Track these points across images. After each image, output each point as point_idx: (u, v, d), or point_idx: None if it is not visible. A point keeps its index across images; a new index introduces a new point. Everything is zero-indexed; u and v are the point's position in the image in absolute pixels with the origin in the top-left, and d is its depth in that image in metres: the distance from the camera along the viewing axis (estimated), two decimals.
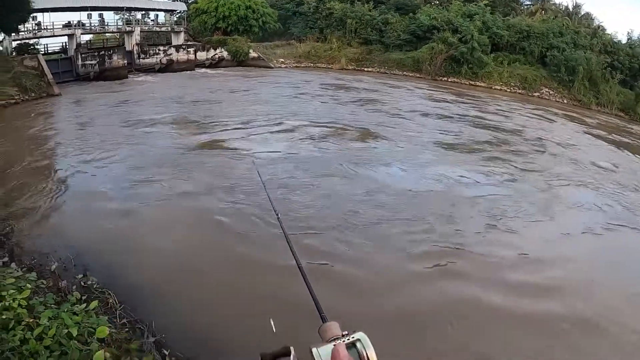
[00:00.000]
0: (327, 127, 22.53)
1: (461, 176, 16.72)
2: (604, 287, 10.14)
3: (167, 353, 6.32)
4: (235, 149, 18.32)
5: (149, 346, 6.39)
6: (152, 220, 11.90)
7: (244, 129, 21.62)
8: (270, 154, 17.95)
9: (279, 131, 21.56)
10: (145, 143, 19.15)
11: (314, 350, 1.11)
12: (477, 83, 43.32)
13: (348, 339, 1.13)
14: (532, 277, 10.16)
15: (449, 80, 43.96)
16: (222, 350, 7.02)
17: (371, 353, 1.10)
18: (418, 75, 45.19)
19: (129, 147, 18.50)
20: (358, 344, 1.12)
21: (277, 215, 2.55)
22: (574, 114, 35.07)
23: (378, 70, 48.42)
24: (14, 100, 27.88)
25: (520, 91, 42.10)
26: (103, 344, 5.17)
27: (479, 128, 25.41)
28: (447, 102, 33.15)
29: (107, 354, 4.78)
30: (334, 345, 1.10)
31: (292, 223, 11.41)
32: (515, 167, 18.55)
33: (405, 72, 46.56)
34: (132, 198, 13.37)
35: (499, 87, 42.73)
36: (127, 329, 6.72)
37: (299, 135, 20.87)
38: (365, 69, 48.91)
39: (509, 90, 42.34)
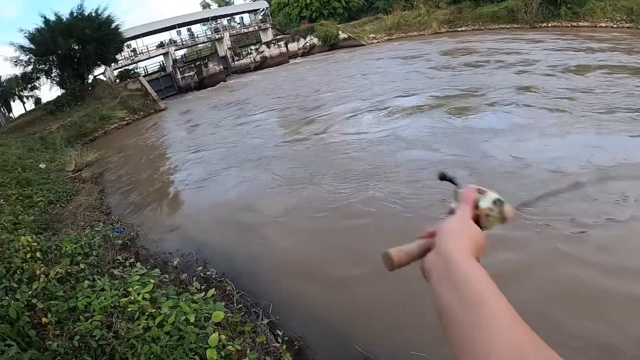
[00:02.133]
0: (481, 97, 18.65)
1: None
2: None
3: (280, 334, 6.21)
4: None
5: (262, 328, 6.42)
6: (267, 214, 11.77)
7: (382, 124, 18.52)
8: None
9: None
10: (252, 140, 19.16)
11: (456, 190, 1.15)
12: (580, 23, 38.25)
13: (480, 189, 1.11)
14: None
15: (549, 25, 39.23)
16: (337, 332, 6.75)
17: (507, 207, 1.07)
18: (515, 26, 40.91)
19: (236, 146, 18.59)
20: (488, 194, 1.08)
21: None
22: None
23: (472, 27, 44.73)
24: (125, 122, 29.91)
25: (627, 25, 35.63)
26: (218, 328, 5.31)
27: None
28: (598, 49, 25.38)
29: (222, 336, 4.87)
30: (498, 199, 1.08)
31: None
32: None
33: (501, 25, 42.49)
34: (247, 193, 13.38)
35: (604, 25, 36.85)
36: (242, 313, 6.81)
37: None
38: (459, 29, 45.51)
39: (615, 26, 36.11)
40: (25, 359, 3.78)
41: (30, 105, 42.55)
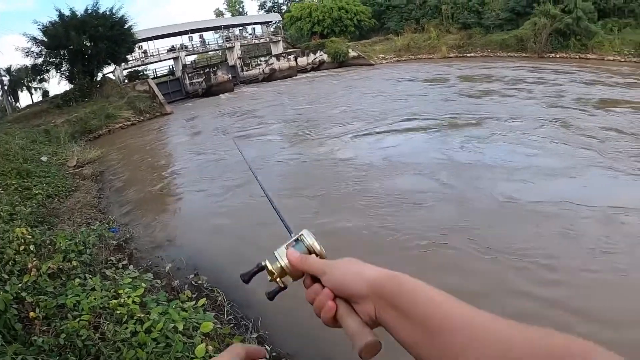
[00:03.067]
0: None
1: None
2: None
3: (268, 349, 6.17)
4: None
5: (251, 342, 6.34)
6: (258, 225, 11.65)
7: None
8: None
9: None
10: (251, 152, 18.82)
11: (275, 252, 1.13)
12: (588, 55, 38.13)
13: (294, 237, 1.14)
14: None
15: (557, 56, 39.31)
16: (324, 348, 6.74)
17: (312, 242, 1.10)
18: (524, 55, 41.12)
19: (236, 156, 18.33)
20: (301, 238, 1.12)
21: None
22: None
23: (481, 54, 45.02)
24: (130, 122, 30.09)
25: (635, 59, 35.12)
26: (207, 338, 5.24)
27: None
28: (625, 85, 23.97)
29: (210, 347, 4.77)
30: (285, 246, 1.13)
31: None
32: None
33: (509, 53, 42.70)
34: (241, 204, 13.28)
35: (611, 58, 36.48)
36: (232, 325, 6.76)
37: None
38: (468, 55, 45.73)
39: (623, 60, 35.57)
40: (9, 352, 3.74)
41: (37, 97, 42.82)
